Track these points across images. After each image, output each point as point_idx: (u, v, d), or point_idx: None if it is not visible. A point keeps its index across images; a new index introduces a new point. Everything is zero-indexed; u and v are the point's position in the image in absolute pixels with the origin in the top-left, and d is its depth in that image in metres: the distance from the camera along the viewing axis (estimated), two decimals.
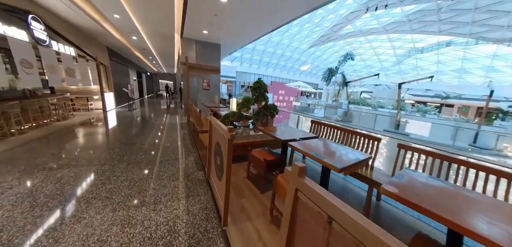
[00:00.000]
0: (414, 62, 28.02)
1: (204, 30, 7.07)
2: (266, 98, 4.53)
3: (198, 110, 4.81)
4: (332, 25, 23.66)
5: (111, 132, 6.17)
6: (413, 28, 21.05)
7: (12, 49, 4.63)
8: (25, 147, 4.48)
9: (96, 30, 7.70)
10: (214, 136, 2.75)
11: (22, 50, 4.89)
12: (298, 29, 25.10)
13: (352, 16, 21.30)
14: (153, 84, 28.46)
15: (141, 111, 10.70)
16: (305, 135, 3.52)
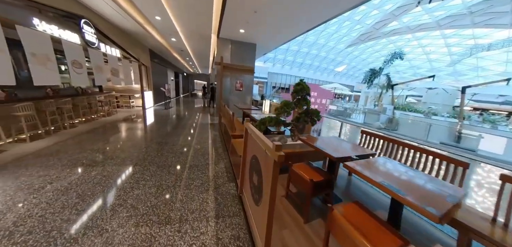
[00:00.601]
0: (474, 62, 23.71)
1: (241, 29, 6.79)
2: (308, 102, 3.93)
3: (231, 113, 4.47)
4: (375, 22, 21.51)
5: (147, 130, 6.29)
6: (476, 22, 17.71)
7: (65, 50, 4.94)
8: (72, 140, 4.73)
9: (139, 33, 8.08)
10: (251, 147, 2.30)
11: (74, 52, 5.21)
12: (336, 27, 23.50)
13: (400, 11, 18.97)
14: (188, 84, 29.94)
15: (176, 110, 11.03)
16: (355, 148, 2.84)
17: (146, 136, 5.52)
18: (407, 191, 1.57)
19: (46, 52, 4.35)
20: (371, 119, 12.99)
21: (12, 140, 4.41)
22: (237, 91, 9.30)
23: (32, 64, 4.03)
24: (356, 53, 30.82)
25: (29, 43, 3.99)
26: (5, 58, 3.54)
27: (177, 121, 7.84)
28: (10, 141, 4.34)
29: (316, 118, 3.94)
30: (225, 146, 4.95)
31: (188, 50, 11.16)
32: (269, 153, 1.52)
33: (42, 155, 3.85)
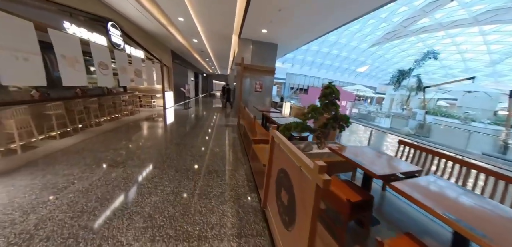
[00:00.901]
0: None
1: (263, 29, 6.56)
2: (337, 106, 3.56)
3: (252, 116, 4.23)
4: (403, 19, 20.02)
5: (167, 130, 6.30)
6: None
7: (92, 52, 5.08)
8: (97, 139, 4.83)
9: (162, 34, 8.22)
10: (279, 159, 2.03)
11: (101, 53, 5.35)
12: (359, 26, 22.34)
13: (432, 7, 17.40)
14: (207, 84, 30.46)
15: (195, 110, 11.11)
16: (394, 162, 2.44)
17: (166, 137, 5.50)
18: (483, 229, 1.19)
19: (75, 54, 4.48)
20: (399, 124, 12.01)
21: (44, 137, 4.60)
22: (256, 93, 9.08)
23: (62, 66, 4.15)
24: (380, 52, 29.09)
25: (60, 45, 4.12)
26: (38, 60, 3.66)
27: (196, 122, 7.82)
28: (42, 138, 4.53)
29: (345, 125, 3.56)
30: (245, 150, 4.73)
31: (209, 51, 11.19)
32: (309, 174, 1.24)
33: (68, 153, 3.93)
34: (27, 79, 3.48)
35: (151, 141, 5.07)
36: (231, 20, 6.16)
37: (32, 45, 3.54)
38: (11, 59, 3.25)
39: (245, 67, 7.08)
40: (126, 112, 7.63)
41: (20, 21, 3.37)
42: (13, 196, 2.61)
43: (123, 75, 6.43)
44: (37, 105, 4.44)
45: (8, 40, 3.20)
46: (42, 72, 3.71)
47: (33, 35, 3.56)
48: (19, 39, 3.36)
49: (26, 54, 3.45)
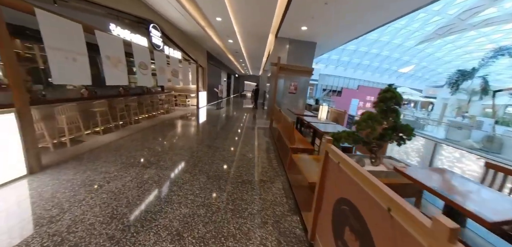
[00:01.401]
0: None
1: (303, 26, 6.04)
2: (399, 114, 2.86)
3: (290, 121, 3.75)
4: (461, 11, 17.10)
5: (199, 130, 6.23)
6: None
7: (134, 53, 5.22)
8: (135, 136, 4.93)
9: (200, 35, 8.30)
10: (339, 184, 1.53)
11: (141, 54, 5.49)
12: (406, 21, 19.89)
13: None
14: (239, 85, 30.84)
15: (226, 110, 11.07)
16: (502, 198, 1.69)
17: (198, 137, 5.38)
18: None
19: (118, 55, 4.61)
20: (457, 135, 10.07)
21: (90, 131, 4.86)
22: (290, 94, 8.55)
23: (106, 66, 4.28)
24: (429, 50, 25.51)
25: (105, 46, 4.25)
26: (85, 61, 3.79)
27: (227, 122, 7.64)
28: (88, 133, 4.79)
29: (407, 137, 2.83)
30: (280, 157, 4.27)
31: (243, 52, 11.05)
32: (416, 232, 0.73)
33: (108, 149, 4.02)
34: (75, 78, 3.62)
35: (184, 141, 4.98)
36: (270, 18, 5.81)
37: (80, 46, 3.67)
38: (62, 59, 3.38)
39: (281, 67, 6.62)
40: (162, 110, 7.88)
41: (70, 23, 3.51)
42: (56, 190, 2.65)
43: (161, 75, 6.58)
44: (84, 103, 4.70)
45: (60, 42, 3.34)
46: (88, 72, 3.83)
47: (82, 36, 3.69)
48: (69, 40, 3.50)
49: (75, 55, 3.58)
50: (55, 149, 3.88)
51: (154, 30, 6.42)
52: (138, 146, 4.31)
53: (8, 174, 2.82)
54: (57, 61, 3.31)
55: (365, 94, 16.49)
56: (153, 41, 6.37)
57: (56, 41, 3.30)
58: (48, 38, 3.17)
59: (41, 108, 3.74)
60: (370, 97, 16.38)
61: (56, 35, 3.30)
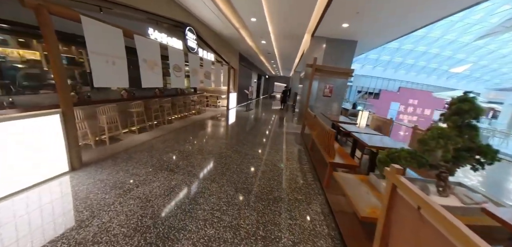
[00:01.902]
0: None
1: (344, 23, 5.41)
2: (478, 131, 2.14)
3: (329, 131, 3.22)
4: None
5: (228, 132, 6.06)
6: None
7: (169, 55, 5.28)
8: (167, 136, 4.98)
9: (233, 37, 8.25)
10: (419, 237, 1.04)
11: (176, 57, 5.54)
12: (463, 14, 16.98)
13: None
14: (269, 86, 30.56)
15: (256, 112, 10.82)
16: None
17: (226, 142, 5.17)
18: None
19: (155, 58, 4.69)
20: None
21: (127, 130, 5.06)
22: (324, 97, 7.86)
23: (143, 69, 4.36)
24: (491, 46, 21.39)
25: (142, 50, 4.33)
26: (123, 64, 3.88)
27: (256, 125, 7.35)
28: (125, 132, 4.99)
29: (488, 161, 2.08)
30: (316, 171, 3.77)
31: (275, 52, 10.70)
32: None
33: (141, 150, 4.06)
34: (113, 81, 3.72)
35: (212, 144, 4.83)
36: (308, 16, 5.36)
37: (119, 50, 3.76)
38: (102, 63, 3.48)
39: (317, 68, 6.05)
40: (194, 111, 7.99)
41: (111, 29, 3.60)
42: (90, 191, 2.67)
43: (194, 77, 6.62)
44: (122, 104, 4.90)
45: (101, 46, 3.44)
46: (126, 75, 3.93)
47: (121, 41, 3.78)
48: (110, 45, 3.59)
49: (114, 59, 3.67)
50: (96, 147, 4.07)
51: (190, 33, 6.49)
52: (169, 148, 4.29)
53: (52, 170, 2.97)
54: (98, 64, 3.42)
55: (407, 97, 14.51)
56: (188, 44, 6.44)
57: (98, 45, 3.40)
58: (91, 43, 3.29)
59: (86, 108, 3.95)
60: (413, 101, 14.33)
61: (99, 40, 3.41)
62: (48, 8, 2.76)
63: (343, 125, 4.87)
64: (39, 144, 2.79)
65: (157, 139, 4.78)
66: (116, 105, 4.43)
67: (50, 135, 2.92)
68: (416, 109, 14.31)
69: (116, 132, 4.60)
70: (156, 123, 5.91)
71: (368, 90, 30.76)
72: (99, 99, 4.45)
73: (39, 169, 2.81)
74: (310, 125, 5.43)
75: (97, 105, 4.21)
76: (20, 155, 2.58)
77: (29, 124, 2.68)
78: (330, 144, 3.10)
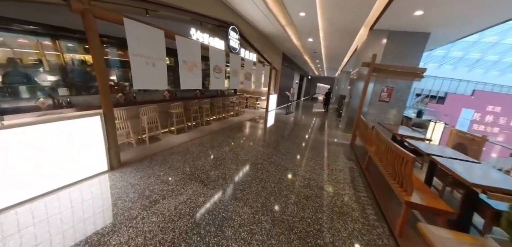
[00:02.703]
0: None
1: (418, 11, 4.18)
2: None
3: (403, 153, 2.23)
4: None
5: (266, 140, 5.46)
6: None
7: (210, 56, 5.03)
8: (203, 139, 4.74)
9: (278, 36, 7.65)
10: None
11: (217, 57, 5.28)
12: None
13: None
14: (311, 87, 28.79)
15: (296, 116, 9.94)
16: None
17: (264, 151, 4.56)
18: None
19: (194, 59, 4.48)
20: None
21: (167, 130, 5.05)
22: (380, 102, 6.50)
23: (182, 70, 4.18)
24: None
25: (183, 51, 4.14)
26: (163, 66, 3.74)
27: (297, 132, 6.53)
28: (164, 131, 4.98)
29: None
30: (378, 204, 2.82)
31: (322, 51, 9.62)
32: None
33: (176, 153, 3.87)
34: (153, 83, 3.60)
35: (248, 152, 4.33)
36: (368, 6, 4.34)
37: (160, 52, 3.63)
38: (142, 65, 3.37)
39: (376, 68, 4.90)
40: (232, 112, 7.73)
41: (153, 30, 3.47)
42: (120, 196, 2.52)
43: (235, 78, 6.30)
44: (163, 105, 4.87)
45: (142, 48, 3.33)
46: (165, 77, 3.79)
47: (163, 42, 3.63)
48: (151, 47, 3.47)
49: (155, 60, 3.54)
50: (137, 145, 4.09)
51: (233, 33, 6.16)
52: (203, 153, 3.99)
53: (93, 169, 2.96)
54: (138, 67, 3.32)
55: (485, 103, 11.13)
56: (231, 44, 6.13)
57: (140, 47, 3.29)
58: (133, 45, 3.18)
59: (130, 109, 3.98)
60: (494, 108, 10.82)
61: (140, 42, 3.30)
62: (93, 12, 2.71)
63: (413, 142, 3.65)
64: (82, 144, 2.80)
65: (193, 142, 4.58)
66: (156, 106, 4.39)
67: (92, 135, 2.91)
68: (498, 119, 10.96)
69: (156, 132, 4.58)
70: (195, 124, 5.81)
71: (430, 93, 25.63)
72: (143, 100, 4.49)
73: (81, 167, 2.83)
74: (365, 137, 4.36)
75: (140, 106, 4.23)
76: (65, 154, 2.63)
77: (73, 125, 2.69)
78: (407, 175, 2.15)
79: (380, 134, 3.31)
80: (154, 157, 3.67)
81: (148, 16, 4.10)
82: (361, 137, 4.87)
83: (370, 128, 3.96)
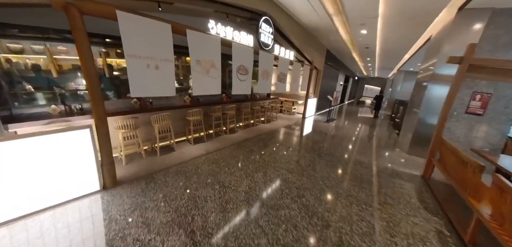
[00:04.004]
0: None
1: None
2: None
3: None
4: None
5: (298, 161, 4.17)
6: None
7: (233, 54, 4.08)
8: (221, 154, 3.86)
9: (323, 28, 6.05)
10: None
11: (242, 56, 4.30)
12: None
13: None
14: (356, 89, 24.95)
15: (339, 124, 8.07)
16: None
17: (292, 179, 3.31)
18: None
19: (212, 58, 3.60)
20: None
21: (185, 138, 4.38)
22: (468, 115, 4.37)
23: (195, 72, 3.36)
24: None
25: (196, 48, 3.30)
26: (170, 68, 3.00)
27: (341, 150, 4.90)
28: (179, 140, 4.34)
29: None
30: None
31: (376, 46, 7.49)
32: None
33: (184, 171, 3.10)
34: (156, 89, 2.89)
35: (271, 179, 3.20)
36: None
37: (166, 52, 2.92)
38: (142, 68, 2.69)
39: (475, 65, 2.98)
40: (263, 118, 6.61)
41: (156, 24, 2.74)
42: (101, 230, 1.89)
43: (264, 80, 5.20)
44: (179, 111, 4.20)
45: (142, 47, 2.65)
46: (172, 81, 3.07)
47: (169, 39, 2.90)
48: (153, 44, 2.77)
49: (159, 62, 2.84)
50: (146, 157, 3.51)
51: (265, 25, 4.97)
52: (212, 176, 3.07)
53: (82, 189, 2.43)
54: (136, 70, 2.63)
55: None
56: (261, 39, 4.94)
57: (138, 46, 2.58)
58: (128, 43, 2.49)
59: (137, 117, 3.41)
60: None
61: (140, 39, 2.59)
62: (79, 7, 2.09)
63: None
64: (70, 160, 2.30)
65: (208, 157, 3.73)
66: (170, 114, 3.73)
67: (81, 150, 2.36)
68: None
69: (171, 141, 3.92)
70: (217, 132, 5.01)
71: None
72: (159, 106, 3.90)
73: (68, 187, 2.32)
74: (459, 176, 2.60)
75: (153, 112, 3.64)
76: (51, 172, 2.18)
77: (59, 139, 2.18)
78: None
79: (505, 184, 1.65)
80: (156, 176, 2.97)
81: (161, 10, 3.42)
82: (445, 171, 3.06)
83: (474, 167, 2.25)
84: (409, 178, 3.65)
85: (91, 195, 2.49)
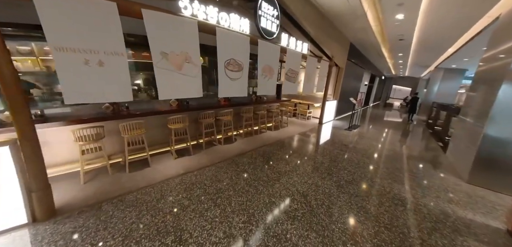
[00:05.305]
0: None
1: None
2: None
3: None
4: None
5: (310, 190, 3.02)
6: None
7: (218, 45, 3.10)
8: (203, 174, 2.93)
9: (347, 14, 4.62)
10: None
11: (233, 47, 3.31)
12: None
13: None
14: (383, 90, 21.81)
15: (364, 133, 6.47)
16: None
17: (303, 241, 2.23)
18: None
19: (186, 50, 2.68)
20: None
21: (170, 148, 3.56)
22: None
23: (158, 68, 2.47)
24: None
25: (158, 35, 2.39)
26: (123, 63, 2.16)
27: (372, 175, 3.50)
28: (156, 152, 3.52)
29: None
30: None
31: (414, 35, 5.72)
32: None
33: (142, 203, 2.23)
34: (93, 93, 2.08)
35: (272, 219, 2.16)
36: None
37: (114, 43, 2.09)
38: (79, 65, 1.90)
39: None
40: (270, 124, 5.48)
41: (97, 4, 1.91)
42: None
43: (267, 80, 4.14)
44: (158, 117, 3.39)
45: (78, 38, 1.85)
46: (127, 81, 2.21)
47: (118, 24, 2.04)
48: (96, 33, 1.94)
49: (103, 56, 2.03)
50: (113, 173, 2.78)
51: (267, 5, 3.69)
52: (181, 209, 2.19)
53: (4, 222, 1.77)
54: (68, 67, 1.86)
55: None
56: (262, 25, 3.69)
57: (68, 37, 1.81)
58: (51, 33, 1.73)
59: (97, 126, 2.67)
60: None
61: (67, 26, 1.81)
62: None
63: None
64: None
65: (185, 178, 2.81)
66: (144, 121, 2.94)
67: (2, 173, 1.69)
68: None
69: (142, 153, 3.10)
70: (208, 142, 4.10)
71: None
72: (142, 111, 3.14)
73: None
74: None
75: (124, 120, 2.89)
76: None
77: None
78: None
79: None
80: (105, 206, 2.17)
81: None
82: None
83: None
84: (485, 233, 2.20)
85: (14, 230, 1.80)
